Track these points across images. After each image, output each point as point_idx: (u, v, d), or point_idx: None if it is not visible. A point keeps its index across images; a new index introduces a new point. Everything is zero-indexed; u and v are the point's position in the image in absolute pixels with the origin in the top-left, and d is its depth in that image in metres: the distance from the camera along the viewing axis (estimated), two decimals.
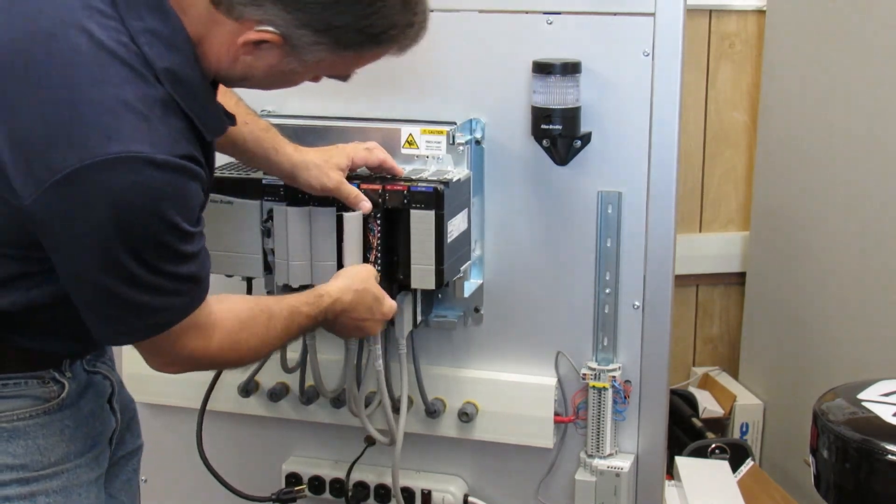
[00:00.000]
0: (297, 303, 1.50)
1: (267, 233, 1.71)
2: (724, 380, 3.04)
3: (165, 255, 1.24)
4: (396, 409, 1.85)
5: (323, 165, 1.64)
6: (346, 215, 1.64)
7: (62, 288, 1.27)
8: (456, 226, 1.70)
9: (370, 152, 1.69)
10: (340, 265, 1.67)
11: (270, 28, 1.26)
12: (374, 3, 1.27)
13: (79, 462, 1.41)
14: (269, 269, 1.73)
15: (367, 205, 1.64)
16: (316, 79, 1.41)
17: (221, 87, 1.43)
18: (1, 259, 1.27)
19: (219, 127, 1.35)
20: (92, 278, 1.22)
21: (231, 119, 1.39)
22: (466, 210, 1.75)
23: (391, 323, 1.76)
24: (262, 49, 1.28)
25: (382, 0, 1.28)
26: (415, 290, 1.75)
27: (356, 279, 1.60)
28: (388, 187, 1.65)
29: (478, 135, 1.81)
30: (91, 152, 1.16)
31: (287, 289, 1.73)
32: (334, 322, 1.58)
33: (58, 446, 1.38)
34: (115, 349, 1.56)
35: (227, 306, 1.39)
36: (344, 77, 1.41)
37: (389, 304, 1.63)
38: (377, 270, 1.66)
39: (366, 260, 1.67)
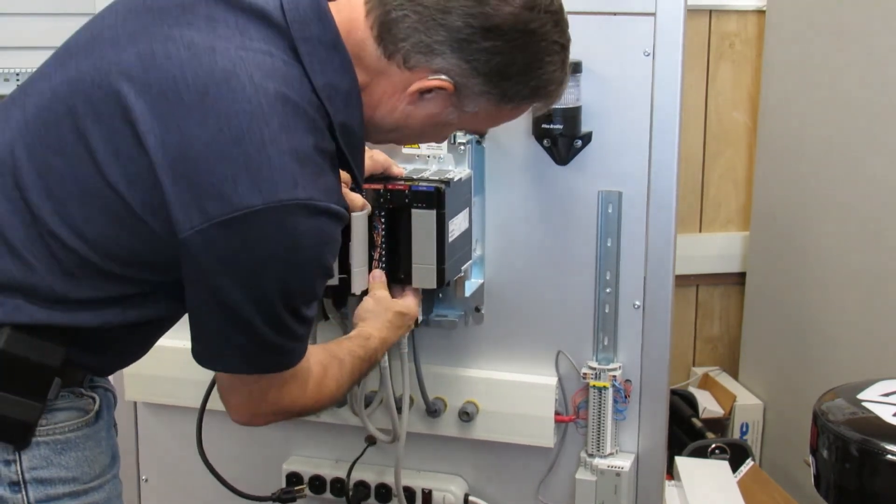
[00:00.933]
0: (353, 347, 1.53)
1: None
2: (724, 380, 3.04)
3: (308, 300, 1.28)
4: (398, 409, 1.85)
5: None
6: (354, 215, 1.64)
7: (146, 314, 1.30)
8: (457, 225, 1.71)
9: (373, 161, 1.69)
10: (343, 264, 1.67)
11: (445, 77, 1.28)
12: (544, 58, 1.31)
13: (113, 473, 1.42)
14: None
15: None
16: (447, 136, 1.45)
17: None
18: (107, 278, 1.27)
19: (362, 180, 1.39)
20: (234, 313, 1.24)
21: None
22: (467, 209, 1.76)
23: None
24: (427, 99, 1.31)
25: (550, 56, 1.31)
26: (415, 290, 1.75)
27: (381, 314, 1.63)
28: (390, 187, 1.65)
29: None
30: (278, 195, 1.18)
31: None
32: (385, 348, 1.64)
33: (100, 458, 1.38)
34: None
35: (314, 356, 1.41)
36: (483, 133, 1.47)
37: (406, 306, 1.67)
38: (381, 268, 1.67)
39: (370, 258, 1.67)
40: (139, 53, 1.23)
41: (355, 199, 1.63)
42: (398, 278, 1.69)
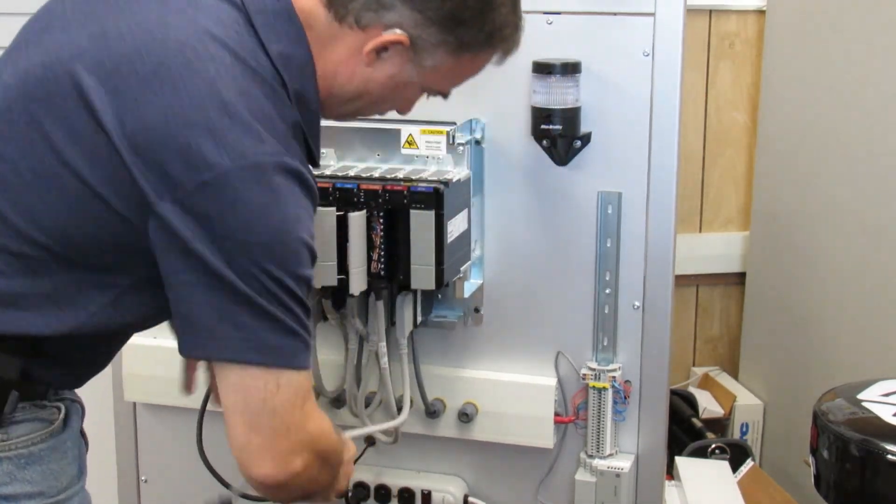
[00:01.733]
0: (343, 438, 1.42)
1: None
2: (724, 380, 3.04)
3: (295, 269, 1.21)
4: (398, 409, 1.85)
5: None
6: (352, 215, 1.64)
7: (105, 319, 1.25)
8: (456, 226, 1.70)
9: None
10: (342, 265, 1.67)
11: (398, 31, 1.27)
12: (493, 0, 1.30)
13: (82, 484, 1.38)
14: None
15: None
16: (410, 103, 1.42)
17: None
18: (66, 272, 1.23)
19: (319, 159, 1.36)
20: (221, 278, 1.17)
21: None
22: (466, 210, 1.75)
23: (392, 323, 1.77)
24: (384, 58, 1.29)
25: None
26: (415, 291, 1.75)
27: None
28: (389, 187, 1.65)
29: (478, 135, 1.81)
30: (244, 154, 1.15)
31: None
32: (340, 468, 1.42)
33: (67, 469, 1.34)
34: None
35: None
36: (446, 93, 1.42)
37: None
38: (379, 270, 1.66)
39: (369, 259, 1.67)
40: (90, 35, 1.22)
41: None
42: (397, 279, 1.68)
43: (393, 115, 1.80)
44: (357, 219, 1.65)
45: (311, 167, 1.30)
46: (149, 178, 1.16)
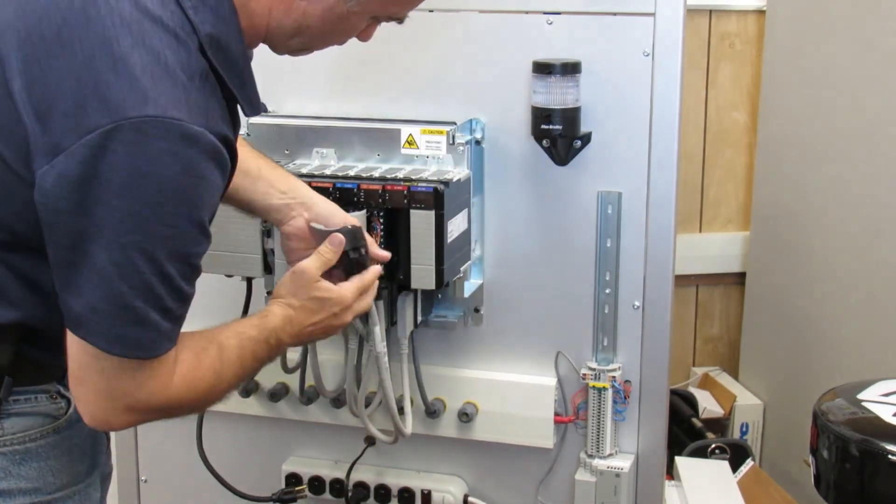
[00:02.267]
0: (243, 328, 1.35)
1: (267, 233, 1.71)
2: (724, 380, 3.04)
3: (175, 254, 1.15)
4: (399, 410, 1.85)
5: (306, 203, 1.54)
6: (351, 215, 1.64)
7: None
8: (456, 226, 1.70)
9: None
10: None
11: None
12: None
13: (88, 482, 1.37)
14: (269, 269, 1.73)
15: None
16: (369, 31, 1.35)
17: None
18: (17, 259, 1.21)
19: (257, 106, 1.29)
20: (91, 260, 1.12)
21: (264, 106, 1.33)
22: (466, 210, 1.75)
23: (392, 323, 1.76)
24: None
25: None
26: (415, 290, 1.75)
27: (295, 289, 1.43)
28: (388, 187, 1.65)
29: (478, 135, 1.81)
30: (125, 113, 1.09)
31: None
32: (298, 339, 1.43)
33: (68, 466, 1.32)
34: None
35: (180, 345, 1.24)
36: (400, 18, 1.35)
37: (338, 294, 1.45)
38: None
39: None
40: (16, 5, 1.18)
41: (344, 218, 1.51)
42: (397, 279, 1.68)
43: (393, 114, 1.82)
44: (358, 219, 1.65)
45: (241, 117, 1.25)
46: (39, 143, 1.12)
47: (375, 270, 1.50)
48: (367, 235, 1.53)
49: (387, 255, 1.55)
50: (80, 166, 1.10)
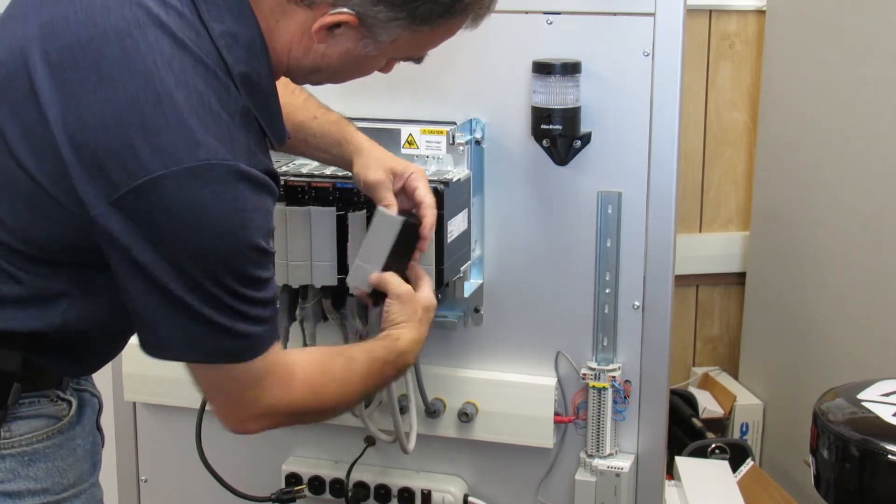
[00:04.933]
0: (371, 347, 1.46)
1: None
2: (724, 380, 3.04)
3: (240, 275, 1.19)
4: (399, 410, 1.85)
5: (378, 159, 1.59)
6: (352, 215, 1.63)
7: (98, 311, 1.25)
8: (456, 226, 1.70)
9: (424, 191, 1.60)
10: (342, 265, 1.67)
11: (345, 9, 1.22)
12: None
13: (91, 481, 1.38)
14: None
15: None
16: (388, 66, 1.37)
17: (290, 85, 1.40)
18: (38, 271, 1.22)
19: (283, 137, 1.31)
20: (167, 291, 1.17)
21: (287, 133, 1.35)
22: (466, 210, 1.75)
23: None
24: (337, 34, 1.25)
25: None
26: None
27: (411, 313, 1.52)
28: None
29: (478, 135, 1.81)
30: (178, 158, 1.12)
31: (287, 289, 1.73)
32: (413, 353, 1.52)
33: (74, 467, 1.34)
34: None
35: (306, 354, 1.36)
36: (418, 59, 1.37)
37: (429, 299, 1.56)
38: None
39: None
40: (41, 23, 1.18)
41: (383, 197, 1.56)
42: None
43: (393, 114, 1.82)
44: (357, 218, 1.65)
45: (271, 150, 1.27)
46: (86, 179, 1.14)
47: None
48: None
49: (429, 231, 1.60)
50: (139, 209, 1.13)
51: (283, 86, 1.34)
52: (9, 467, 1.27)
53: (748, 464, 2.54)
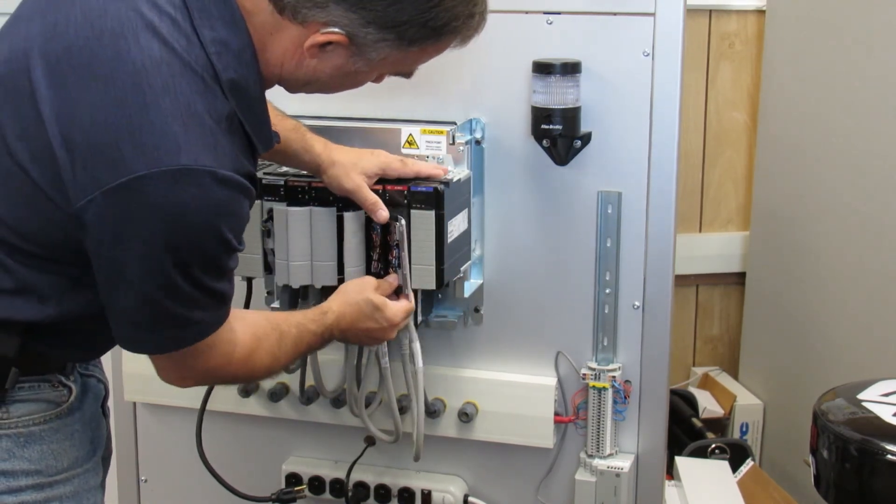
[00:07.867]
0: (304, 320, 1.51)
1: (267, 233, 1.71)
2: (724, 380, 3.04)
3: (210, 270, 1.25)
4: (400, 410, 1.85)
5: (348, 166, 1.64)
6: (346, 215, 1.63)
7: (93, 301, 1.27)
8: (456, 226, 1.70)
9: (404, 164, 1.67)
10: (341, 265, 1.67)
11: (336, 29, 1.27)
12: None
13: (87, 466, 1.41)
14: (269, 269, 1.73)
15: (383, 213, 1.63)
16: (379, 78, 1.42)
17: None
18: (36, 264, 1.26)
19: (270, 143, 1.35)
20: (133, 285, 1.22)
21: (276, 135, 1.39)
22: (466, 210, 1.75)
23: None
24: (328, 51, 1.29)
25: None
26: (415, 290, 1.75)
27: (352, 293, 1.60)
28: (389, 187, 1.65)
29: (478, 135, 1.81)
30: (160, 161, 1.16)
31: (287, 289, 1.73)
32: (344, 336, 1.61)
33: (69, 451, 1.37)
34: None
35: (245, 323, 1.40)
36: (407, 74, 1.42)
37: (393, 309, 1.62)
38: (379, 271, 1.66)
39: (369, 259, 1.67)
40: (44, 25, 1.23)
41: (366, 199, 1.62)
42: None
43: (393, 114, 1.82)
44: (355, 218, 1.65)
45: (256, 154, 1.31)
46: (73, 174, 1.18)
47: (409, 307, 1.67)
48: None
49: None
50: (119, 206, 1.17)
51: None
52: (5, 447, 1.31)
53: (748, 464, 2.54)
